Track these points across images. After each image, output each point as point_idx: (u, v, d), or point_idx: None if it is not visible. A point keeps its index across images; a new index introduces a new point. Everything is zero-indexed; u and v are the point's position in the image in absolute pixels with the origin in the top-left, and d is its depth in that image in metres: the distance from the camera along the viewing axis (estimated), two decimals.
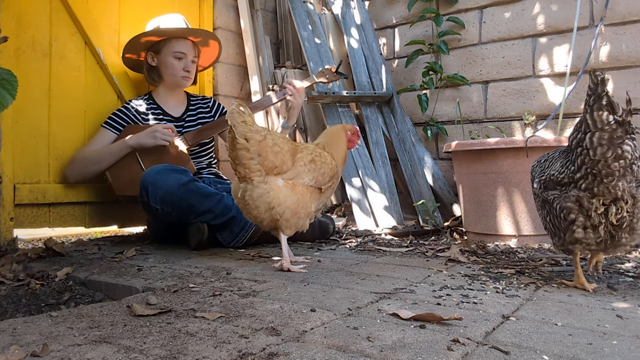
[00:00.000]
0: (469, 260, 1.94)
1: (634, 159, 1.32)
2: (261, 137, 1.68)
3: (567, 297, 1.38)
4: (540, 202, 1.56)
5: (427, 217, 2.79)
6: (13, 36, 2.15)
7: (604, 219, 1.38)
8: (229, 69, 3.24)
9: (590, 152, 1.32)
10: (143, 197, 2.17)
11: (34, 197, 2.28)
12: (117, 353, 0.93)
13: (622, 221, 1.37)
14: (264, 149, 1.68)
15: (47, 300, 1.54)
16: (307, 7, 3.29)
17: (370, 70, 3.22)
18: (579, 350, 0.96)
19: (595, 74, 1.31)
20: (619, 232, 1.39)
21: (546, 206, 1.51)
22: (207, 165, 2.69)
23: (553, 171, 1.48)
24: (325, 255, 2.06)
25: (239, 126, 1.64)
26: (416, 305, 1.28)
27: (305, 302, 1.29)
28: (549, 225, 1.52)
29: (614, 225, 1.38)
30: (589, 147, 1.32)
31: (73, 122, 2.48)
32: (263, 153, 1.68)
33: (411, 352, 0.93)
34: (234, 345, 0.97)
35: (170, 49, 2.54)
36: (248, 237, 2.25)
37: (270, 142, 1.70)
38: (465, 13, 3.03)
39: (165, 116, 2.60)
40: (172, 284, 1.51)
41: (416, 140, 3.08)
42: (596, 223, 1.39)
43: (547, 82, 2.74)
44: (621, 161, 1.29)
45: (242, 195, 1.72)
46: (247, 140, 1.65)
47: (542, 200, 1.53)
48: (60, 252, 2.03)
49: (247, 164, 1.67)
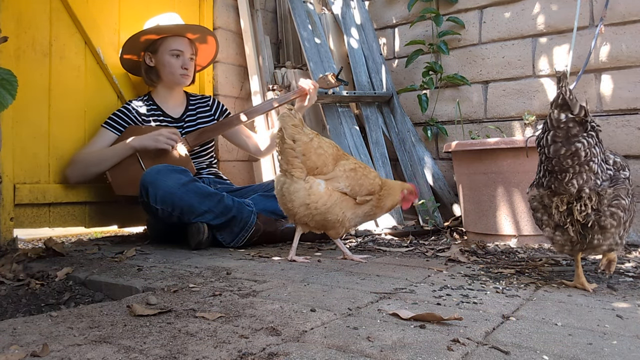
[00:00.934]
0: (469, 260, 1.94)
1: (590, 155, 1.31)
2: (308, 139, 1.85)
3: (567, 297, 1.38)
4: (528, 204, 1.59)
5: (427, 217, 2.79)
6: (13, 36, 2.15)
7: (568, 218, 1.38)
8: (229, 69, 3.24)
9: (545, 149, 1.33)
10: (143, 197, 2.17)
11: (34, 197, 2.28)
12: (117, 353, 0.93)
13: (588, 219, 1.36)
14: (309, 150, 1.84)
15: (47, 300, 1.54)
16: (307, 7, 3.29)
17: (370, 70, 3.22)
18: (579, 350, 0.96)
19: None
20: (589, 232, 1.38)
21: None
22: (207, 165, 2.69)
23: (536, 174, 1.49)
24: (325, 255, 2.06)
25: (288, 128, 1.83)
26: (416, 305, 1.28)
27: (305, 302, 1.29)
28: (538, 223, 1.55)
29: (583, 224, 1.38)
30: (545, 145, 1.33)
31: (73, 122, 2.48)
32: (307, 153, 1.84)
33: (411, 352, 0.93)
34: (234, 345, 0.97)
35: (167, 47, 2.54)
36: (248, 237, 2.25)
37: (316, 144, 1.86)
38: (465, 13, 3.03)
39: (164, 117, 2.61)
40: (172, 284, 1.51)
41: (416, 140, 3.08)
42: (560, 222, 1.39)
43: (547, 82, 2.74)
44: (575, 158, 1.30)
45: (280, 187, 1.90)
46: (294, 141, 1.83)
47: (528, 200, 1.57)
48: (60, 252, 2.03)
49: (292, 161, 1.84)
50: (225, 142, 3.10)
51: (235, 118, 2.64)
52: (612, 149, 2.49)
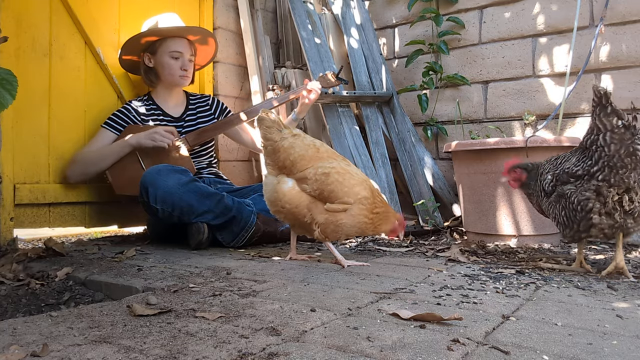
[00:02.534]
0: (469, 260, 1.94)
1: None
2: (278, 139, 1.89)
3: (567, 297, 1.38)
4: (555, 197, 1.72)
5: (427, 217, 2.79)
6: (13, 36, 2.15)
7: (618, 207, 1.60)
8: (229, 69, 3.24)
9: (605, 148, 1.56)
10: (143, 197, 2.17)
11: (34, 197, 2.28)
12: (117, 353, 0.93)
13: (633, 209, 1.60)
14: (278, 149, 1.89)
15: (47, 300, 1.54)
16: (307, 7, 3.29)
17: (370, 70, 3.22)
18: (579, 350, 0.96)
19: (598, 90, 1.55)
20: (627, 219, 1.62)
21: (561, 200, 1.69)
22: (207, 164, 2.69)
23: (569, 164, 1.68)
24: (325, 255, 2.06)
25: (261, 129, 1.91)
26: (416, 305, 1.28)
27: (305, 302, 1.29)
28: (563, 219, 1.70)
29: (626, 212, 1.61)
30: (603, 145, 1.56)
31: (73, 122, 2.48)
32: (276, 152, 1.90)
33: (411, 352, 0.93)
34: (234, 345, 0.97)
35: (166, 48, 2.54)
36: (248, 237, 2.25)
37: (287, 144, 1.88)
38: (465, 13, 3.03)
39: (164, 117, 2.61)
40: (172, 284, 1.51)
41: (416, 140, 3.08)
42: (611, 210, 1.61)
43: (547, 82, 2.74)
44: (633, 157, 1.55)
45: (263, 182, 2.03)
46: (266, 140, 1.91)
47: (557, 195, 1.71)
48: (60, 252, 2.03)
49: (266, 159, 1.95)
50: (225, 142, 3.10)
51: (235, 118, 2.64)
52: None
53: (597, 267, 1.79)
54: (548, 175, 1.76)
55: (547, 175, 1.76)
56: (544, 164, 1.82)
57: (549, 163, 1.80)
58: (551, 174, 1.74)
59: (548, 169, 1.78)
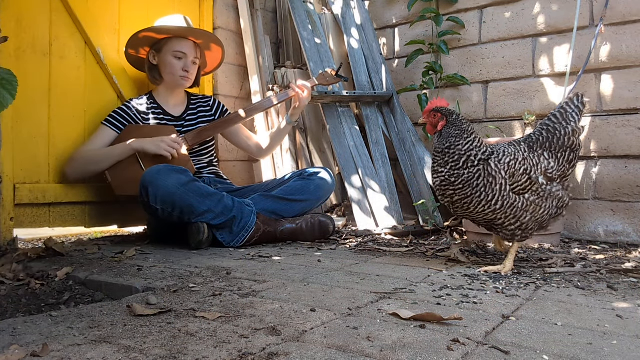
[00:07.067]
0: (469, 260, 1.94)
1: None
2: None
3: (567, 297, 1.38)
4: (547, 194, 1.74)
5: (427, 217, 2.79)
6: (13, 36, 2.15)
7: None
8: (229, 69, 3.24)
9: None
10: (143, 197, 2.17)
11: (34, 197, 2.28)
12: (117, 353, 0.93)
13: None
14: None
15: (47, 300, 1.54)
16: (307, 7, 3.29)
17: (370, 70, 3.22)
18: (579, 350, 0.96)
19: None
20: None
21: (550, 199, 1.73)
22: (207, 164, 2.69)
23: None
24: (325, 255, 2.06)
25: None
26: (416, 305, 1.28)
27: (305, 302, 1.29)
28: (546, 217, 1.75)
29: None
30: None
31: (73, 122, 2.48)
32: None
33: (411, 352, 0.93)
34: (234, 345, 0.97)
35: (170, 48, 2.54)
36: (248, 237, 2.25)
37: None
38: (465, 13, 3.03)
39: (165, 115, 2.61)
40: (172, 283, 1.51)
41: (416, 140, 3.08)
42: None
43: (547, 82, 2.74)
44: None
45: None
46: None
47: (548, 193, 1.74)
48: (60, 252, 2.03)
49: None
50: (225, 142, 3.10)
51: (234, 116, 2.64)
52: (612, 149, 2.50)
53: (597, 267, 1.79)
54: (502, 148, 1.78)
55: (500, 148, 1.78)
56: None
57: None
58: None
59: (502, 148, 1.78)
